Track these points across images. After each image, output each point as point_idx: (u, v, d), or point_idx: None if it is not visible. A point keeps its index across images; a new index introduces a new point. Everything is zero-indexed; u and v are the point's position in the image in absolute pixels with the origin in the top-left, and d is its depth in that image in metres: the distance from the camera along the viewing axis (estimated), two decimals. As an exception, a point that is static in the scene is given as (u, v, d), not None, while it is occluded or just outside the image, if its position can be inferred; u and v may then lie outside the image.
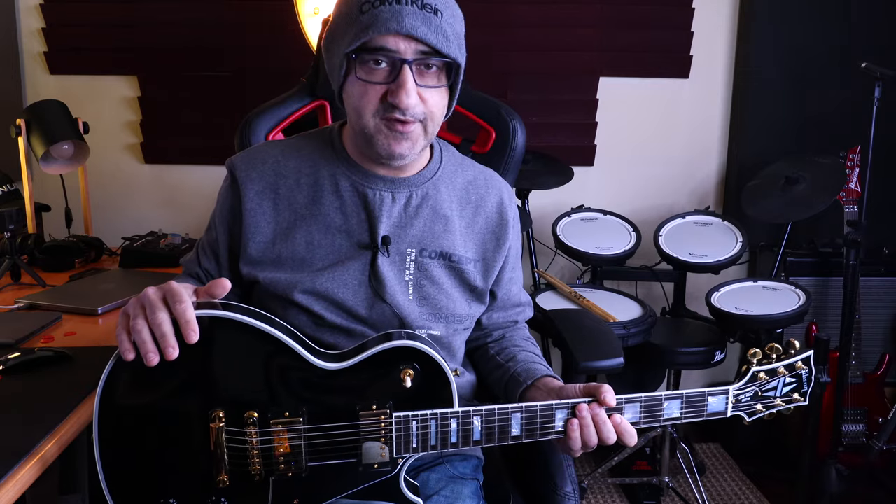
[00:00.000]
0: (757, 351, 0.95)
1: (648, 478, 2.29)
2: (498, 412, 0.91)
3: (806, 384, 0.97)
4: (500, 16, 2.47)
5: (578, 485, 1.15)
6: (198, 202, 2.54)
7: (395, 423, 0.90)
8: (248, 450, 0.89)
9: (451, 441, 0.91)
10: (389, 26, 0.88)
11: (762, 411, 0.96)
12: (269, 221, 1.02)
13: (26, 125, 1.91)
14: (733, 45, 2.59)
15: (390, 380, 0.91)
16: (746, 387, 0.95)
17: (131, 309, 0.83)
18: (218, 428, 0.87)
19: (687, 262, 2.23)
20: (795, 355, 0.96)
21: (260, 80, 2.43)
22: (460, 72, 0.96)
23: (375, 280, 1.01)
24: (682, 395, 0.93)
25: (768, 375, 0.95)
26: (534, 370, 1.05)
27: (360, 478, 0.92)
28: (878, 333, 2.50)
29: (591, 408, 0.91)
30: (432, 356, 0.91)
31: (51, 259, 1.80)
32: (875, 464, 2.30)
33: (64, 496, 1.13)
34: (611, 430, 0.90)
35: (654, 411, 0.93)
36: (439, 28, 0.91)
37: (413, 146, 0.96)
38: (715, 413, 0.94)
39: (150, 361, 0.80)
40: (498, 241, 1.10)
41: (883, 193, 2.38)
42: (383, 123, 0.94)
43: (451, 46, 0.92)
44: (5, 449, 0.83)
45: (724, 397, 0.94)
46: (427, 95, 0.94)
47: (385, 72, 0.92)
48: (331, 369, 0.90)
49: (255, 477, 0.89)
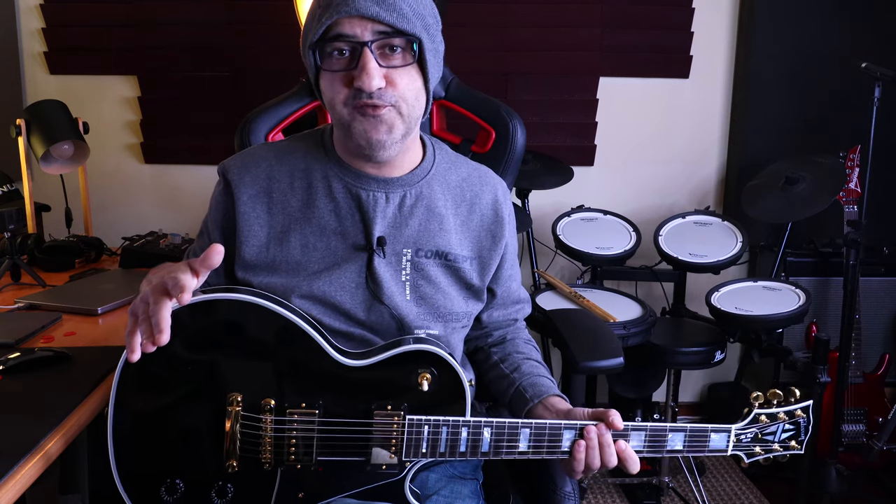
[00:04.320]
0: (759, 394, 0.98)
1: (648, 478, 2.29)
2: (508, 426, 0.92)
3: (803, 433, 0.99)
4: (499, 16, 2.47)
5: (578, 485, 1.15)
6: (198, 202, 2.54)
7: (408, 426, 0.91)
8: (261, 437, 0.90)
9: (460, 450, 0.92)
10: (341, 10, 0.89)
11: (760, 454, 0.99)
12: (263, 226, 1.01)
13: (26, 125, 1.91)
14: (733, 45, 2.59)
15: (407, 382, 0.92)
16: (748, 428, 0.98)
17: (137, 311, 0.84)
18: (234, 412, 0.88)
19: (687, 262, 2.23)
20: (796, 403, 0.99)
21: (260, 80, 2.43)
22: (424, 49, 0.94)
23: (372, 282, 1.00)
24: (686, 429, 0.95)
25: (769, 419, 0.98)
26: (540, 386, 1.05)
27: (367, 478, 0.92)
28: (878, 333, 2.50)
29: (598, 428, 0.92)
30: (451, 364, 0.92)
31: (51, 259, 1.80)
32: (875, 464, 2.30)
33: (64, 496, 1.13)
34: (613, 454, 0.91)
35: (658, 442, 0.94)
36: (393, 6, 0.90)
37: (391, 132, 0.94)
38: (716, 450, 0.97)
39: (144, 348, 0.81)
40: (494, 238, 1.09)
41: (883, 193, 2.38)
42: (356, 111, 0.93)
43: (408, 22, 0.91)
44: (6, 448, 0.83)
45: (726, 435, 0.97)
46: (395, 77, 0.92)
47: (347, 59, 0.92)
48: (351, 366, 0.92)
49: (265, 465, 0.90)
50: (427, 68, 0.96)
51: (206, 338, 0.88)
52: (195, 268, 0.84)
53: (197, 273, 0.84)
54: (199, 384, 0.89)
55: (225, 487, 0.90)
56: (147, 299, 0.83)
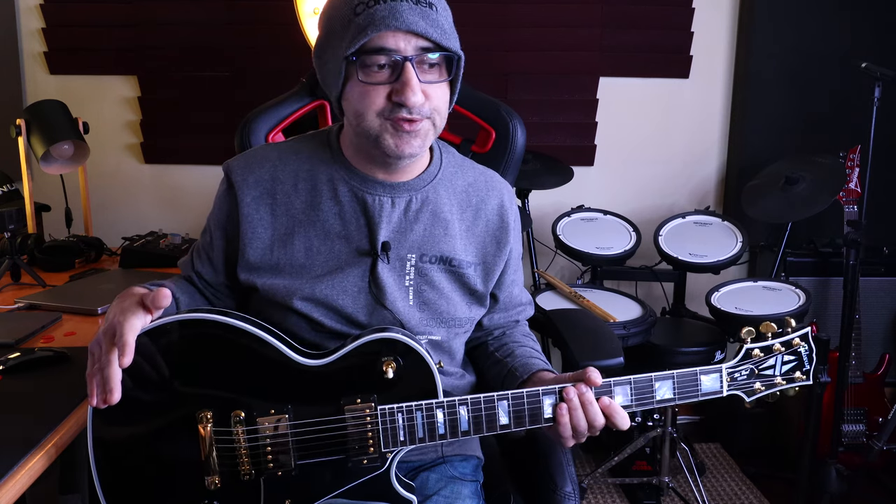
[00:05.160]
0: (751, 329, 0.93)
1: (648, 478, 2.29)
2: (484, 400, 0.91)
3: (808, 362, 0.94)
4: (499, 16, 2.47)
5: (578, 485, 1.15)
6: (198, 202, 2.54)
7: (381, 416, 0.90)
8: (236, 449, 0.89)
9: (439, 432, 0.91)
10: (388, 24, 0.88)
11: (762, 390, 0.93)
12: (267, 227, 1.01)
13: (26, 125, 1.91)
14: (733, 45, 2.59)
15: (373, 372, 0.91)
16: (740, 364, 0.92)
17: (94, 350, 0.86)
18: (206, 428, 0.88)
19: (687, 262, 2.23)
20: (793, 333, 0.94)
21: (260, 80, 2.43)
22: (461, 64, 0.95)
23: (375, 287, 1.00)
24: (673, 375, 0.92)
25: (763, 352, 0.93)
26: (531, 365, 1.05)
27: (351, 474, 0.92)
28: (878, 333, 2.50)
29: (577, 388, 0.90)
30: (414, 347, 0.92)
31: (51, 259, 1.80)
32: (875, 464, 2.30)
33: (64, 496, 1.13)
34: (598, 412, 0.89)
35: (646, 393, 0.92)
36: (436, 22, 0.90)
37: (423, 144, 0.95)
38: (710, 393, 0.92)
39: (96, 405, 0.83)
40: (498, 244, 1.09)
41: (883, 193, 2.38)
42: (389, 124, 0.93)
43: (449, 39, 0.92)
44: (6, 448, 0.83)
45: (717, 375, 0.92)
46: (431, 91, 0.93)
47: (387, 71, 0.91)
48: (312, 365, 0.91)
49: (246, 477, 0.90)
50: (457, 82, 0.97)
51: (167, 361, 0.88)
52: (147, 305, 0.87)
53: (150, 311, 0.87)
54: (168, 407, 0.89)
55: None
56: (101, 344, 0.85)
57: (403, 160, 0.97)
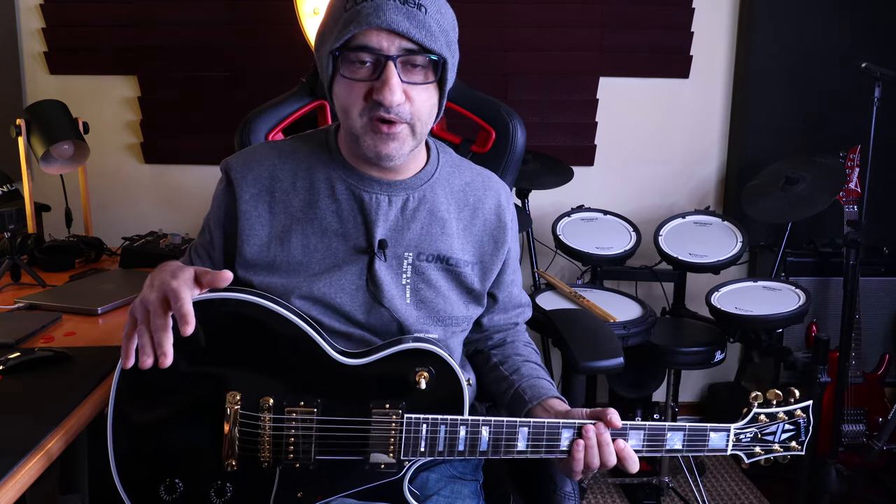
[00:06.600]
0: (759, 394, 0.98)
1: (648, 478, 2.29)
2: (506, 425, 0.92)
3: (804, 433, 0.99)
4: (499, 16, 2.47)
5: (578, 485, 1.15)
6: (198, 202, 2.54)
7: (406, 425, 0.91)
8: (260, 435, 0.90)
9: (459, 449, 0.92)
10: (371, 21, 0.88)
11: (760, 454, 0.98)
12: (265, 225, 1.01)
13: (26, 125, 1.91)
14: (733, 45, 2.59)
15: (405, 380, 0.92)
16: (747, 427, 0.97)
17: (136, 313, 0.84)
18: (233, 410, 0.88)
19: (687, 262, 2.23)
20: (795, 403, 0.98)
21: (260, 80, 2.43)
22: (447, 68, 0.94)
23: (373, 284, 1.00)
24: (685, 428, 0.95)
25: (768, 419, 0.98)
26: (539, 388, 1.05)
27: (366, 477, 0.92)
28: (878, 333, 2.50)
29: (596, 427, 0.92)
30: (449, 363, 0.93)
31: (51, 259, 1.80)
32: (875, 464, 2.30)
33: (64, 496, 1.13)
34: (612, 454, 0.91)
35: (657, 441, 0.94)
36: (423, 23, 0.89)
37: (401, 147, 0.95)
38: (715, 449, 0.96)
39: (143, 364, 0.81)
40: (496, 243, 1.09)
41: (883, 193, 2.38)
42: (369, 124, 0.93)
43: (436, 42, 0.91)
44: (6, 448, 0.83)
45: (725, 434, 0.96)
46: (413, 93, 0.92)
47: (369, 69, 0.91)
48: (349, 364, 0.92)
49: (264, 464, 0.90)
50: (445, 86, 0.96)
51: (207, 336, 0.88)
52: (200, 280, 0.86)
53: (201, 286, 0.86)
54: (198, 383, 0.89)
55: (224, 487, 0.90)
56: (148, 306, 0.83)
57: (383, 161, 0.96)
